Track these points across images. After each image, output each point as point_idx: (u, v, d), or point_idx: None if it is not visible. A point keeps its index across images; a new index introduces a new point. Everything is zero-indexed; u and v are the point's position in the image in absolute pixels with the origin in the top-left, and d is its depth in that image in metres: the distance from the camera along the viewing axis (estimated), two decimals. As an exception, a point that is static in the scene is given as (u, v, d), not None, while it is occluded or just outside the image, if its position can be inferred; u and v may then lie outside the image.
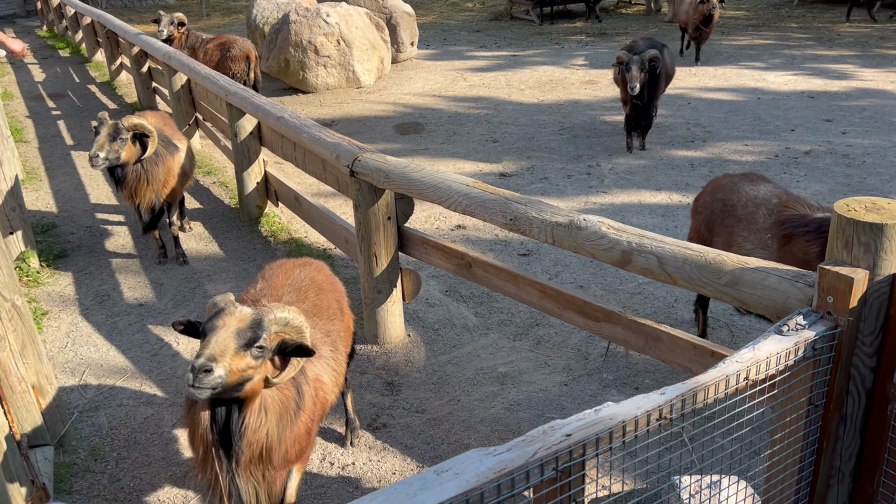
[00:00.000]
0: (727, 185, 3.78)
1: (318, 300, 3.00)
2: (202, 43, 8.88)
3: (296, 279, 3.05)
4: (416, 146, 8.17)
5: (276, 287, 2.98)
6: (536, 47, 13.49)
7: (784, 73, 10.64)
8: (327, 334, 2.92)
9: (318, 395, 2.69)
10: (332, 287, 3.19)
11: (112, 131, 4.88)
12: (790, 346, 1.99)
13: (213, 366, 2.13)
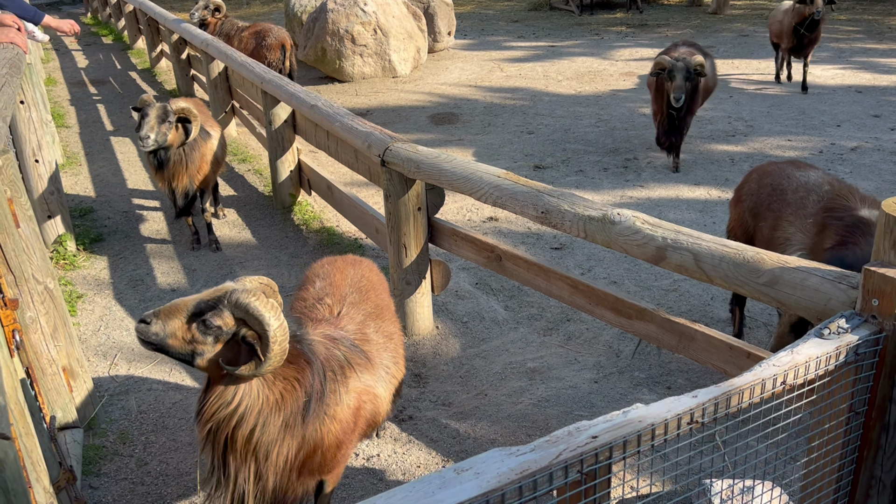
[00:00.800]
0: (775, 170, 3.69)
1: (378, 300, 2.95)
2: (237, 31, 8.92)
3: (353, 278, 2.99)
4: (450, 136, 8.12)
5: (338, 286, 2.88)
6: (575, 38, 13.31)
7: (831, 66, 10.33)
8: (389, 338, 2.85)
9: (364, 408, 2.53)
10: (384, 286, 3.15)
11: (161, 113, 4.94)
12: (831, 350, 1.90)
13: (151, 320, 2.15)
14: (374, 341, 2.75)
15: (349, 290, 2.89)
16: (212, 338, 2.17)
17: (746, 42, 12.20)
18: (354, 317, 2.78)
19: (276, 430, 2.25)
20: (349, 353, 2.55)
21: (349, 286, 2.92)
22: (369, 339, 2.73)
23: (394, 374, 2.81)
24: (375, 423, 2.72)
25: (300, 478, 2.40)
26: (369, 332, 2.77)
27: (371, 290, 2.99)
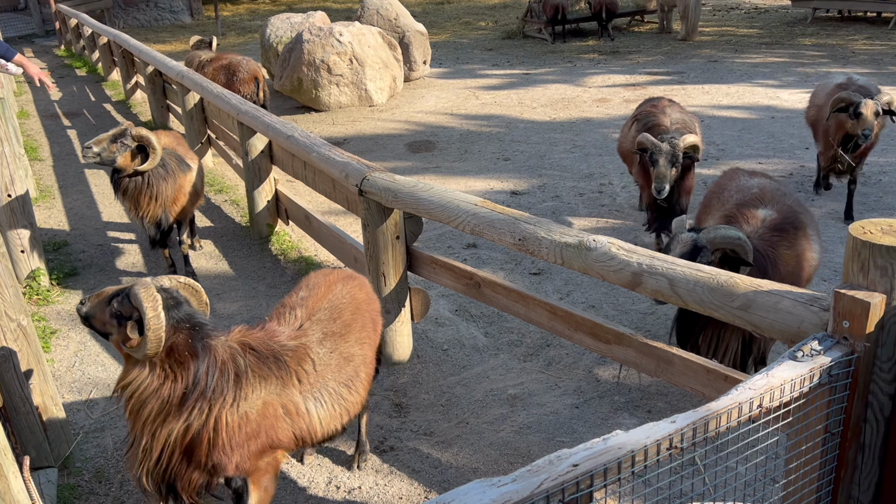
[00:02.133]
0: (730, 172, 4.34)
1: (351, 320, 2.97)
2: (200, 64, 8.83)
3: (336, 294, 3.04)
4: (427, 164, 8.17)
5: (317, 298, 2.99)
6: (549, 65, 13.51)
7: (798, 90, 10.57)
8: (347, 360, 2.88)
9: (276, 422, 2.63)
10: (370, 306, 3.17)
11: (118, 133, 4.92)
12: (805, 372, 1.93)
13: (85, 302, 2.61)
14: (321, 361, 2.80)
15: (324, 306, 2.95)
16: (115, 320, 2.53)
17: (716, 67, 12.48)
18: (312, 333, 2.84)
19: (154, 412, 2.50)
20: (257, 364, 2.65)
21: (327, 302, 2.97)
22: (314, 357, 2.78)
23: (344, 397, 2.84)
24: (304, 442, 2.78)
25: (188, 466, 2.57)
26: (321, 350, 2.82)
27: (350, 309, 3.01)
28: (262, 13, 23.42)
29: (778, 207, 3.71)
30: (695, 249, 3.25)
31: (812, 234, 3.71)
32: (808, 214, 3.89)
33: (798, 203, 3.92)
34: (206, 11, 23.58)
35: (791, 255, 3.51)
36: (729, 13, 19.11)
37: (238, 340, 2.69)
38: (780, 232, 3.54)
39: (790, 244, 3.53)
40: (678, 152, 4.87)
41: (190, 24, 22.23)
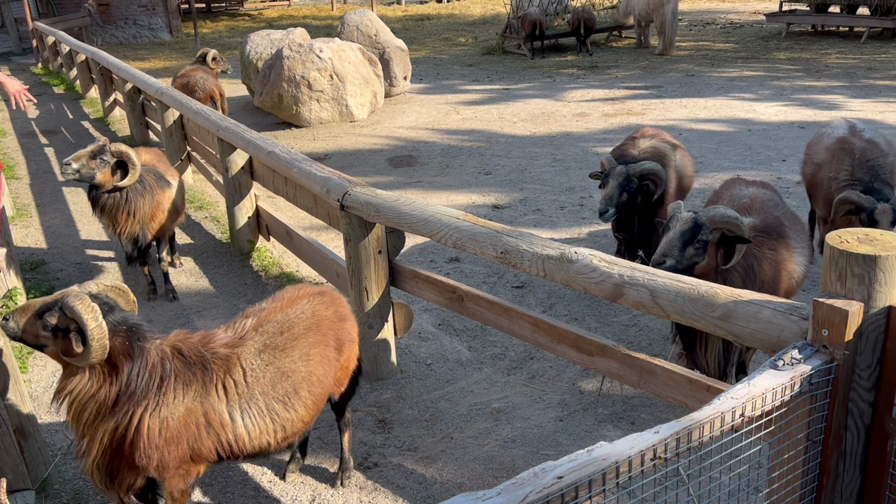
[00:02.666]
0: (730, 182, 4.43)
1: (302, 335, 2.95)
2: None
3: (296, 309, 3.03)
4: (409, 179, 8.18)
5: (272, 310, 3.01)
6: (528, 81, 13.62)
7: (774, 103, 10.74)
8: (284, 376, 2.85)
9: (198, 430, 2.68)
10: (334, 325, 3.13)
11: (97, 149, 4.88)
12: (786, 381, 1.95)
13: (10, 318, 2.64)
14: (253, 372, 2.79)
15: (276, 318, 2.96)
16: (50, 333, 2.57)
17: (693, 82, 12.64)
18: (251, 343, 2.85)
19: (93, 414, 2.59)
20: (182, 369, 2.70)
21: (282, 314, 2.98)
22: (245, 367, 2.78)
23: (279, 413, 2.83)
24: (230, 453, 2.79)
25: (122, 465, 2.67)
26: (255, 362, 2.81)
27: (306, 325, 2.99)
28: (241, 30, 23.42)
29: (763, 216, 3.76)
30: (695, 227, 3.37)
31: (797, 246, 3.74)
32: (798, 228, 3.91)
33: (789, 216, 3.94)
34: (186, 28, 23.53)
35: (770, 262, 3.55)
36: (705, 28, 19.41)
37: (171, 344, 2.75)
38: (761, 236, 3.60)
39: (770, 250, 3.58)
40: (633, 176, 4.60)
41: (169, 42, 22.17)
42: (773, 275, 3.56)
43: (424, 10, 26.73)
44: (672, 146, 5.24)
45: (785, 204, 4.15)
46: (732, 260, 3.37)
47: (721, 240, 3.37)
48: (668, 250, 3.38)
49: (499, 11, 24.19)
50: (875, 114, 9.82)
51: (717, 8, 23.73)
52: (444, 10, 26.93)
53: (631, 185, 4.61)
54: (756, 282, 3.47)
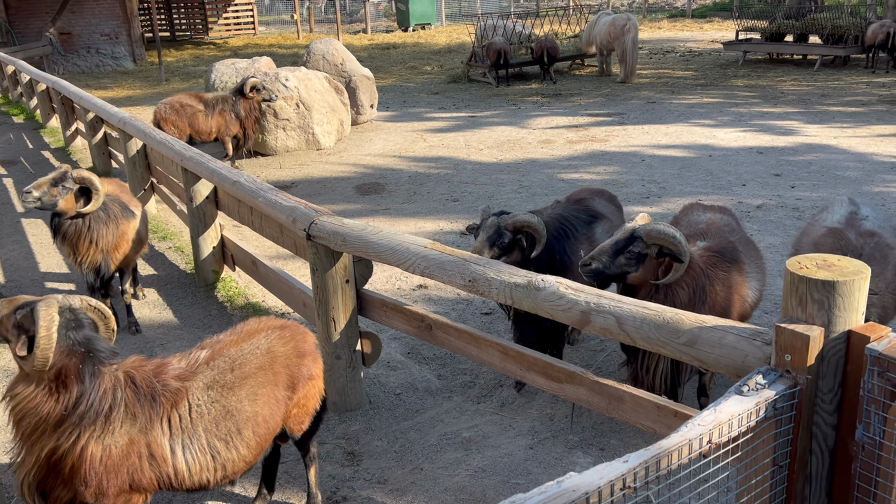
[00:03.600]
0: (688, 207, 4.57)
1: (253, 374, 2.90)
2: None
3: (251, 344, 2.99)
4: (376, 206, 8.17)
5: (227, 344, 2.98)
6: (494, 108, 13.77)
7: (733, 129, 11.00)
8: (228, 414, 2.81)
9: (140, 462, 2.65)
10: (289, 362, 3.07)
11: (58, 177, 4.79)
12: (751, 406, 1.97)
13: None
14: (198, 408, 2.76)
15: (230, 353, 2.93)
16: (16, 331, 2.59)
17: (654, 109, 12.90)
18: (201, 378, 2.82)
19: (31, 426, 2.58)
20: (132, 399, 2.66)
21: (236, 349, 2.94)
22: (192, 402, 2.75)
23: (220, 451, 2.79)
24: (169, 487, 2.76)
25: (58, 485, 2.64)
26: (202, 397, 2.78)
27: (258, 362, 2.95)
28: (206, 58, 23.34)
29: (717, 240, 3.83)
30: (630, 238, 3.46)
31: (750, 270, 3.82)
32: (753, 253, 4.00)
33: (744, 241, 4.03)
34: (150, 57, 23.39)
35: (723, 284, 3.61)
36: (665, 56, 19.87)
37: (125, 371, 2.72)
38: (716, 257, 3.67)
39: (724, 272, 3.65)
40: (504, 230, 3.96)
41: (132, 70, 21.99)
42: (726, 296, 3.63)
43: (390, 39, 26.96)
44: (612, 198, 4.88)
45: (742, 229, 4.25)
46: (669, 277, 3.43)
47: (660, 254, 3.44)
48: (598, 255, 3.48)
49: (464, 40, 24.49)
50: (830, 139, 10.12)
51: (676, 37, 24.34)
52: (409, 38, 27.19)
53: (502, 238, 3.97)
54: (706, 302, 3.54)
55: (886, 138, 10.05)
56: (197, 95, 9.39)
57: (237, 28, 31.26)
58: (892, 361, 1.93)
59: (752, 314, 3.92)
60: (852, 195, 3.80)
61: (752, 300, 3.83)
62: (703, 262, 3.58)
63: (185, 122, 9.06)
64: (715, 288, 3.57)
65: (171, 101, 9.11)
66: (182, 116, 9.04)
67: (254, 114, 9.52)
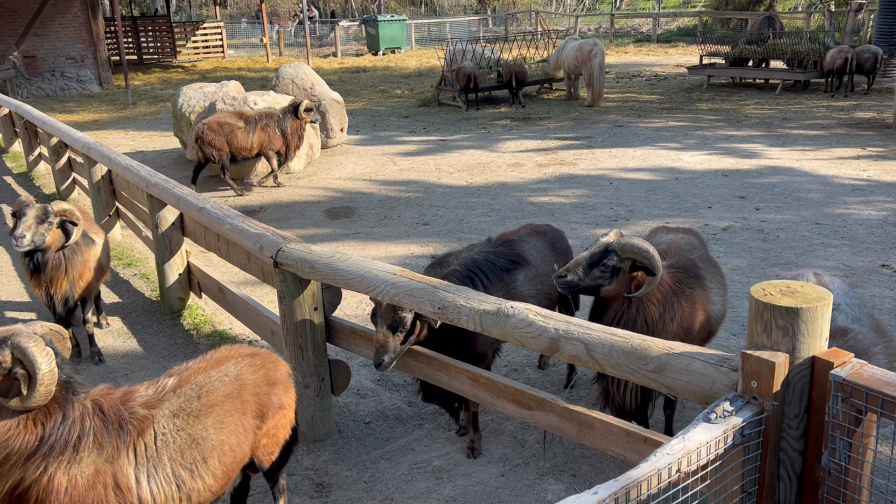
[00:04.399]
0: (655, 230, 4.62)
1: (220, 402, 2.86)
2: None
3: (219, 371, 2.94)
4: (346, 230, 8.13)
5: (194, 372, 2.92)
6: (464, 132, 13.85)
7: (698, 152, 11.19)
8: (194, 443, 2.76)
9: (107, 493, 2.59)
10: (260, 391, 3.02)
11: (40, 214, 4.72)
12: (719, 434, 1.97)
13: None
14: (163, 437, 2.71)
15: (197, 381, 2.88)
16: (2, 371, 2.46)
17: (621, 132, 13.08)
18: (167, 406, 2.77)
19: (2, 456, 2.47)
20: (100, 428, 2.60)
21: (203, 377, 2.90)
22: (157, 430, 2.71)
23: (185, 481, 2.73)
24: None
25: None
26: (168, 426, 2.73)
27: (226, 390, 2.90)
28: (174, 82, 23.19)
29: (677, 259, 3.91)
30: (605, 252, 3.49)
31: (712, 286, 3.90)
32: (713, 270, 4.08)
33: (705, 259, 4.13)
34: (116, 80, 23.15)
35: (688, 299, 3.67)
36: (631, 80, 20.21)
37: (93, 399, 2.64)
38: (680, 273, 3.74)
39: (689, 288, 3.71)
40: (401, 317, 3.54)
41: (98, 94, 21.74)
42: (692, 312, 3.68)
43: (360, 63, 27.07)
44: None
45: (706, 249, 4.32)
46: (641, 290, 3.47)
47: (633, 268, 3.48)
48: (573, 267, 3.51)
49: (434, 64, 24.69)
50: (793, 161, 10.34)
51: (642, 61, 24.80)
52: (379, 62, 27.32)
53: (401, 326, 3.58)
54: (675, 318, 3.59)
55: (846, 161, 10.31)
56: (238, 113, 9.66)
57: (206, 51, 31.13)
58: (856, 387, 1.95)
59: (717, 330, 3.98)
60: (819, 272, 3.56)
61: (716, 315, 3.90)
62: (669, 278, 3.65)
63: (224, 139, 9.35)
64: (682, 303, 3.63)
65: (210, 121, 9.35)
66: (220, 135, 9.32)
67: (299, 132, 9.87)
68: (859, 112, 14.16)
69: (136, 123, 16.20)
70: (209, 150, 9.29)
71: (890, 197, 8.51)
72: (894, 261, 6.54)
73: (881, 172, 9.61)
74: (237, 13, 52.79)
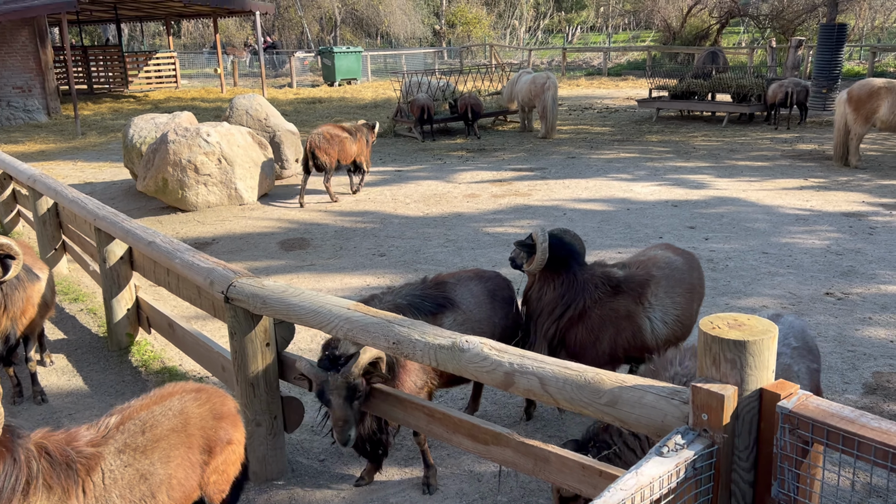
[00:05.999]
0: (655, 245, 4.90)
1: (165, 436, 2.80)
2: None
3: (164, 406, 2.89)
4: (301, 262, 8.05)
5: (137, 409, 2.86)
6: (420, 163, 13.91)
7: (649, 183, 11.43)
8: (143, 478, 2.71)
9: None
10: (206, 425, 2.96)
11: None
12: (672, 468, 1.98)
13: None
14: (111, 474, 2.65)
15: (141, 416, 2.82)
16: None
17: (574, 163, 13.31)
18: (113, 442, 2.71)
19: None
20: (49, 470, 2.52)
21: (147, 412, 2.84)
22: (105, 468, 2.64)
23: None
24: None
25: None
26: (115, 462, 2.67)
27: (171, 425, 2.84)
28: (126, 112, 22.84)
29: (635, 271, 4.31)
30: (529, 236, 4.20)
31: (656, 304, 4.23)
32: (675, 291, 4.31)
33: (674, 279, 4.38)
34: (65, 110, 22.70)
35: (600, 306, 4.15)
36: (583, 113, 20.63)
37: (36, 443, 2.56)
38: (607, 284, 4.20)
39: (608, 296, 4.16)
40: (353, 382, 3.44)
41: (46, 124, 21.25)
42: (602, 317, 4.10)
43: (316, 94, 27.08)
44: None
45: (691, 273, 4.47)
46: (530, 266, 4.17)
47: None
48: (516, 247, 4.28)
49: (390, 96, 24.85)
50: (739, 192, 10.64)
51: (594, 94, 25.37)
52: (335, 93, 27.38)
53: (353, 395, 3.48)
54: (570, 315, 4.08)
55: (790, 191, 10.65)
56: (338, 126, 10.95)
57: (159, 81, 30.79)
58: (802, 419, 1.98)
59: (656, 347, 4.06)
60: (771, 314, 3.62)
61: (650, 333, 4.14)
62: (590, 280, 4.12)
63: (336, 149, 10.54)
64: (586, 305, 4.08)
65: (323, 132, 10.51)
66: (333, 144, 10.50)
67: (370, 146, 11.46)
68: (801, 144, 14.69)
69: (86, 154, 15.87)
70: (323, 158, 10.40)
71: (832, 226, 8.80)
72: (838, 289, 6.74)
73: (823, 202, 9.96)
74: (191, 43, 52.52)
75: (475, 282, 4.31)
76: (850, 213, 9.40)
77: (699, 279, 4.58)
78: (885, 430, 1.88)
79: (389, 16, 44.68)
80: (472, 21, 46.02)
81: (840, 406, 2.01)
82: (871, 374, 5.11)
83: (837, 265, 7.38)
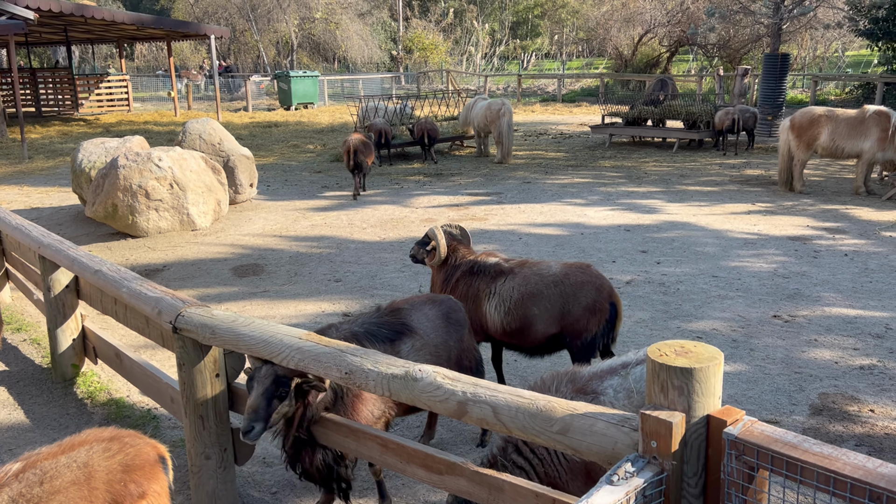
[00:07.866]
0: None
1: (64, 488, 2.69)
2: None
3: (70, 458, 2.78)
4: (254, 289, 7.93)
5: (44, 457, 2.76)
6: (377, 187, 13.90)
7: (602, 208, 11.62)
8: None
9: None
10: (113, 478, 2.83)
11: None
12: (622, 496, 1.99)
13: None
14: None
15: (42, 465, 2.72)
16: None
17: (529, 188, 13.46)
18: (7, 492, 2.62)
19: None
20: None
21: (51, 461, 2.73)
22: None
23: None
24: None
25: None
26: None
27: (72, 477, 2.73)
28: (75, 135, 22.35)
29: (495, 263, 5.16)
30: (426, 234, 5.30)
31: (499, 293, 4.99)
32: (536, 286, 4.92)
33: (537, 279, 4.97)
34: (12, 134, 22.12)
35: (465, 286, 5.12)
36: (538, 138, 20.93)
37: None
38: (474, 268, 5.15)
39: (466, 277, 5.13)
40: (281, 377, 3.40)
41: (-9, 146, 20.66)
42: (465, 292, 5.03)
43: (272, 118, 26.93)
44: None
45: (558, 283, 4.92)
46: (434, 259, 5.23)
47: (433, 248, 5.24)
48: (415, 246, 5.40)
49: (346, 120, 24.85)
50: (690, 217, 10.88)
51: (549, 120, 25.77)
52: (292, 117, 27.27)
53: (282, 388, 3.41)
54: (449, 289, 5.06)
55: (739, 216, 10.94)
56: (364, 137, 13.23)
57: (110, 104, 30.26)
58: (747, 445, 2.01)
59: (493, 329, 4.98)
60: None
61: (491, 316, 4.94)
62: (463, 264, 5.12)
63: (372, 153, 13.24)
64: (458, 284, 5.06)
65: (360, 138, 12.86)
66: (369, 149, 13.02)
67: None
68: (748, 169, 15.12)
69: (33, 178, 15.46)
70: (362, 159, 12.51)
71: (778, 250, 9.05)
72: (785, 311, 6.91)
73: (770, 227, 10.24)
74: (145, 66, 51.83)
75: (429, 306, 4.30)
76: (796, 237, 9.69)
77: (563, 294, 4.90)
78: (826, 455, 1.92)
79: (346, 41, 44.82)
80: (428, 47, 46.47)
81: (784, 431, 2.05)
82: (817, 395, 5.24)
83: (784, 288, 7.58)
